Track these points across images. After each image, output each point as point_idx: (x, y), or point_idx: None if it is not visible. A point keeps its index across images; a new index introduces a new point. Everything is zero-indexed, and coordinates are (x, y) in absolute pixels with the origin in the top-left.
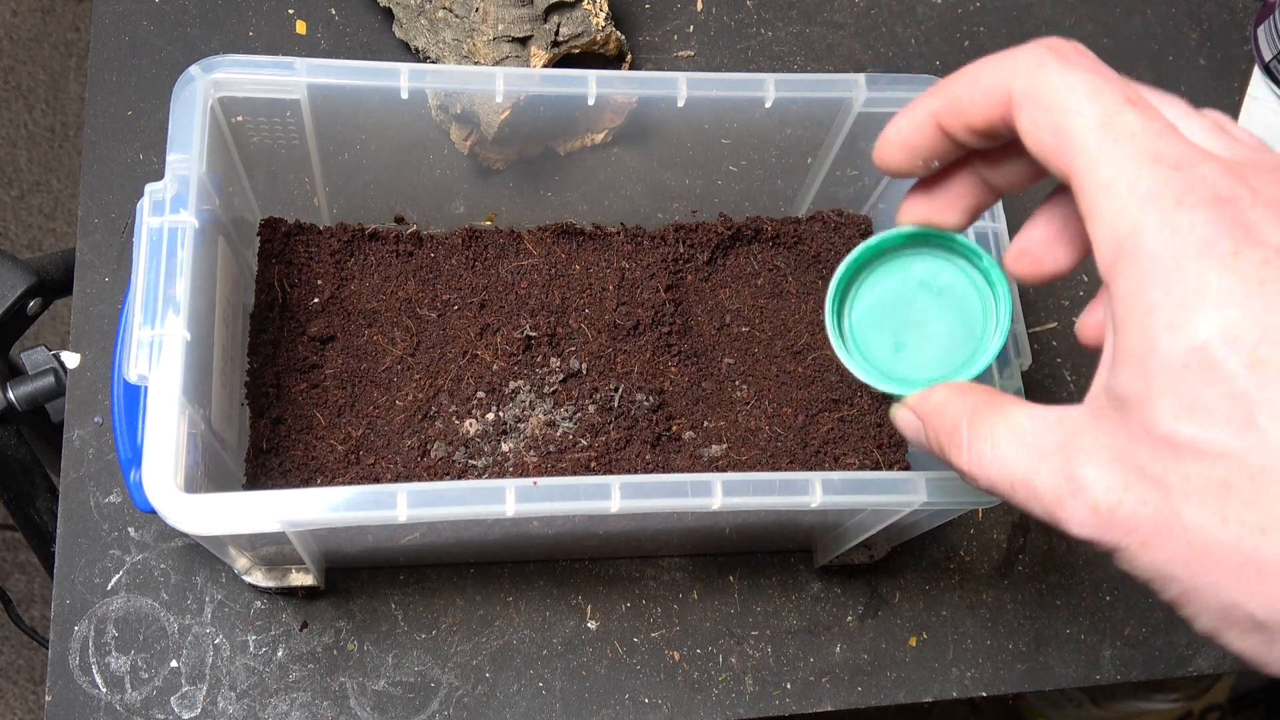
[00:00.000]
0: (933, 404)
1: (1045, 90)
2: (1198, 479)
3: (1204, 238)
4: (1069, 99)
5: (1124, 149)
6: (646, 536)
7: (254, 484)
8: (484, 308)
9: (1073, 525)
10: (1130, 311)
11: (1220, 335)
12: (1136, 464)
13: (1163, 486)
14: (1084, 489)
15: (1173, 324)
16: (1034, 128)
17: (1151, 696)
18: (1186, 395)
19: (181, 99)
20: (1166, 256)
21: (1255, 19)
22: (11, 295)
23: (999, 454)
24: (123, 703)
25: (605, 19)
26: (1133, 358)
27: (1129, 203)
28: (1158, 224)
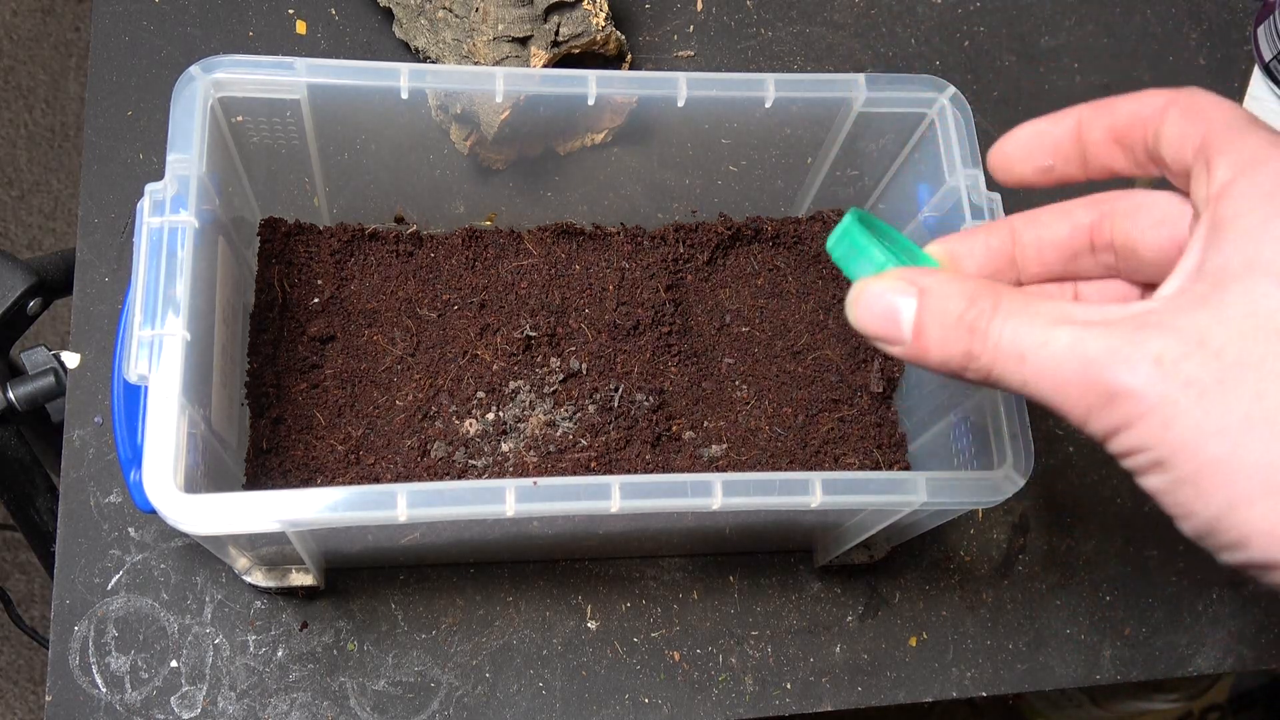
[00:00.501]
0: (938, 276)
1: (1201, 99)
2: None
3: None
4: (1217, 107)
5: (1261, 128)
6: (646, 536)
7: (254, 484)
8: (484, 308)
9: (1124, 372)
10: (1248, 200)
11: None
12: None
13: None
14: (1143, 347)
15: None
16: (1182, 116)
17: (1151, 696)
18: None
19: (181, 99)
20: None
21: (1255, 19)
22: (11, 295)
23: (1039, 316)
24: (123, 703)
25: (605, 19)
26: (1242, 233)
27: (1263, 142)
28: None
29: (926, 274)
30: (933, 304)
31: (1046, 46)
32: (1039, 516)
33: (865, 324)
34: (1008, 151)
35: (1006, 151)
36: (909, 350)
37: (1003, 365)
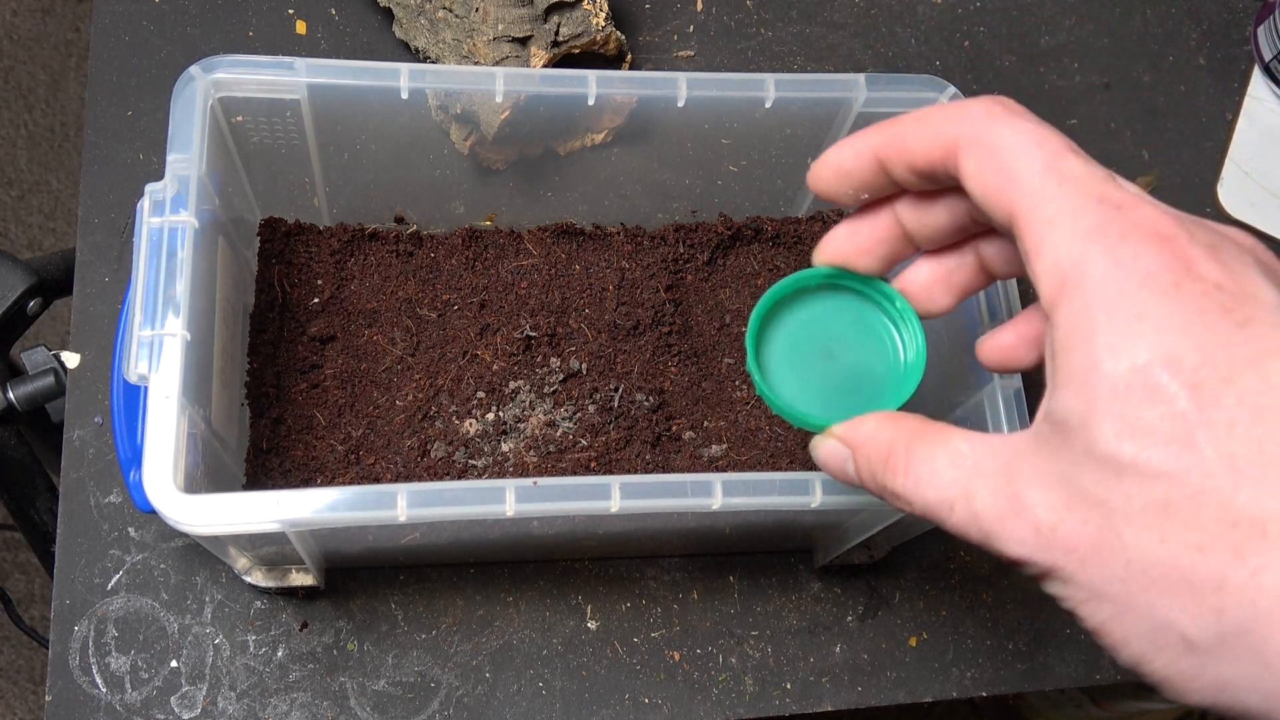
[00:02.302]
0: (865, 431)
1: (993, 136)
2: (1139, 499)
3: (1147, 269)
4: (1015, 145)
5: (1068, 189)
6: (646, 536)
7: (254, 484)
8: (484, 308)
9: (1011, 545)
10: (1072, 337)
11: (1162, 359)
12: (1079, 486)
13: (1104, 507)
14: (1027, 509)
15: (1115, 347)
16: (979, 170)
17: (1152, 696)
18: (1129, 416)
19: (181, 99)
20: (1110, 285)
21: (1255, 19)
22: (11, 295)
23: (938, 476)
24: (123, 703)
25: (605, 19)
26: (1074, 380)
27: (1074, 236)
28: (1102, 255)
29: (858, 430)
30: (862, 464)
31: (1046, 46)
32: None
33: (830, 472)
34: (820, 189)
35: (819, 189)
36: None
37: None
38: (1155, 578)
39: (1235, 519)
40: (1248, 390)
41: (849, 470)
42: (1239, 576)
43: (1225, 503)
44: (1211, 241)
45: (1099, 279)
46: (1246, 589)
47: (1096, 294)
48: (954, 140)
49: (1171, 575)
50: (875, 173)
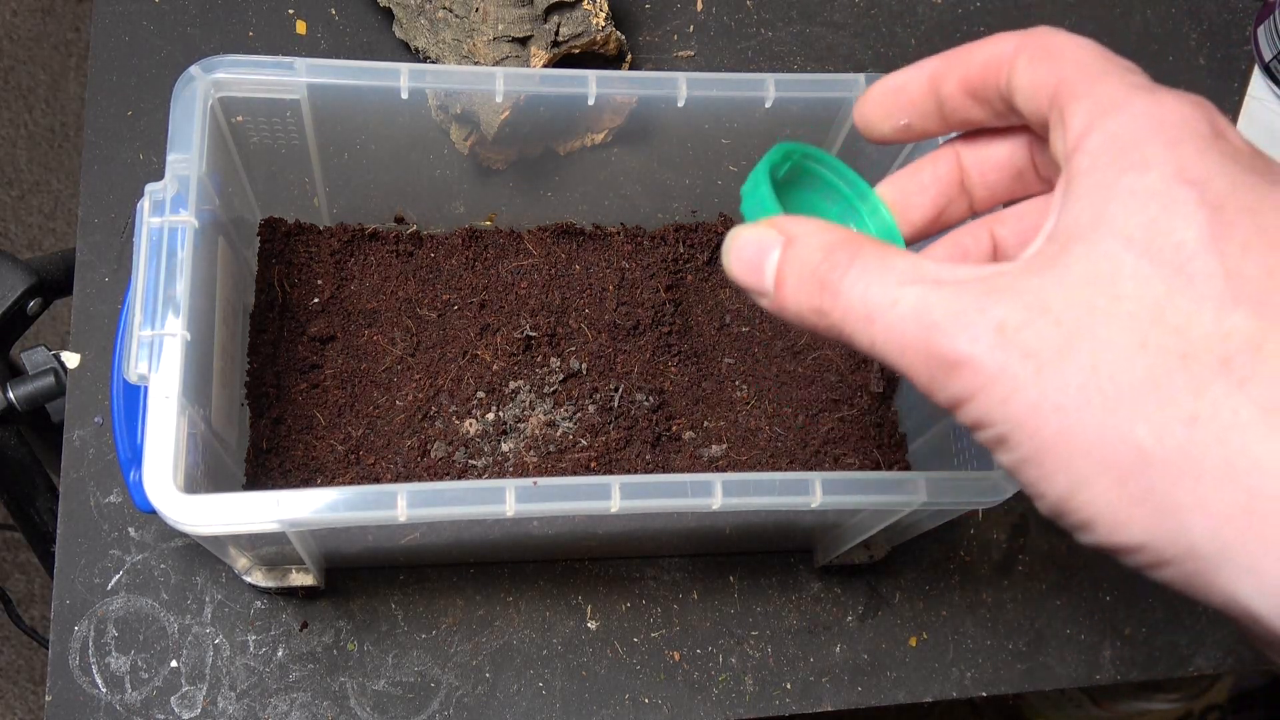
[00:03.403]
0: (805, 225)
1: (1055, 39)
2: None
3: (1185, 117)
4: (1075, 44)
5: (1119, 68)
6: (646, 536)
7: (254, 484)
8: (484, 308)
9: (961, 341)
10: (1100, 156)
11: (1188, 177)
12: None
13: (1086, 308)
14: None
15: (1146, 161)
16: (1033, 62)
17: (1151, 696)
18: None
19: (181, 99)
20: (1151, 117)
21: (1255, 19)
22: (11, 295)
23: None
24: (123, 703)
25: (605, 19)
26: (1091, 192)
27: (1120, 86)
28: (1145, 95)
29: (800, 223)
30: (793, 254)
31: None
32: (1039, 516)
33: (735, 272)
34: (865, 112)
35: (865, 112)
36: (771, 302)
37: (852, 324)
38: (1121, 385)
39: (1228, 331)
40: (1268, 224)
41: (767, 264)
42: (1221, 385)
43: (1221, 315)
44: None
45: (1141, 110)
46: (1229, 397)
47: (1135, 121)
48: (1014, 49)
49: (1143, 382)
50: (926, 93)
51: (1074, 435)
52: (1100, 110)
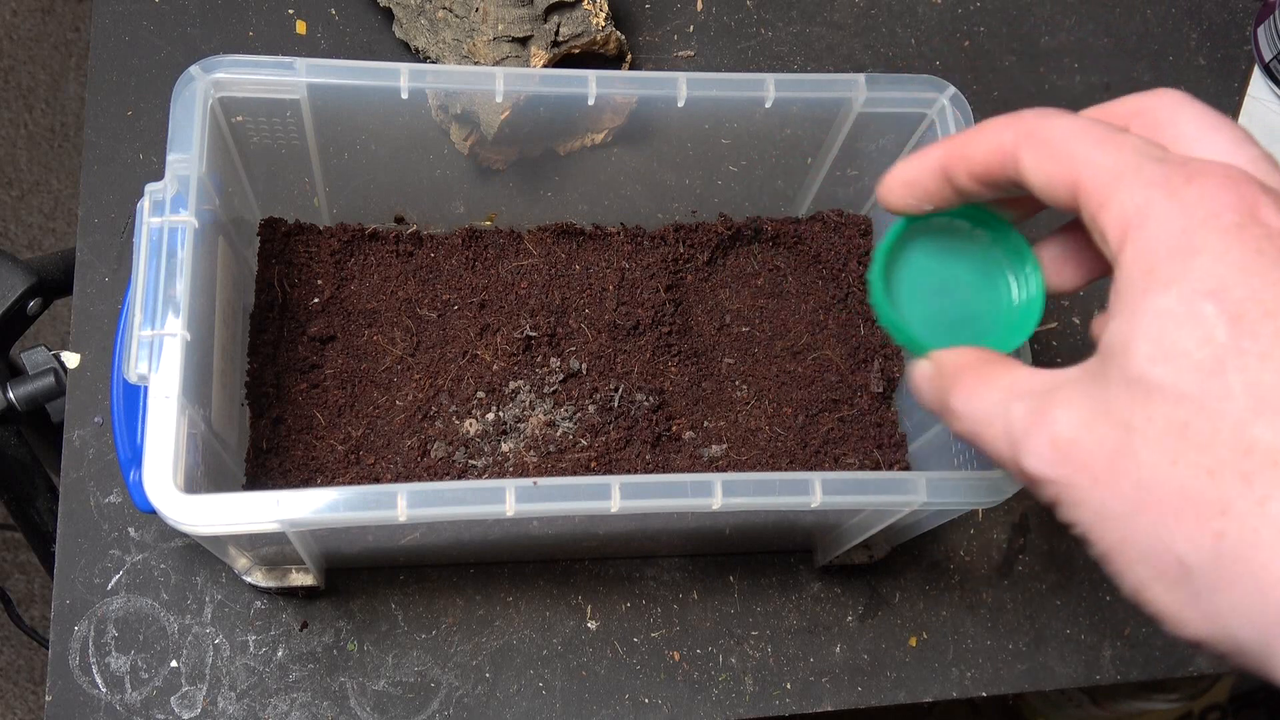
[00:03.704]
0: (951, 355)
1: (1047, 129)
2: (1160, 420)
3: (1210, 210)
4: (1070, 129)
5: (1128, 153)
6: (646, 536)
7: (254, 484)
8: (484, 308)
9: (1030, 459)
10: (1133, 273)
11: (1208, 290)
12: (1106, 406)
13: (1125, 426)
14: (1050, 424)
15: (1168, 279)
16: (1037, 160)
17: (1151, 696)
18: (1166, 340)
19: (181, 99)
20: (1173, 223)
21: (1255, 19)
22: (11, 295)
23: (990, 394)
24: (123, 703)
25: (605, 19)
26: (1125, 310)
27: (1138, 185)
28: (1166, 199)
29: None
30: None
31: (1046, 46)
32: (1039, 516)
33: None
34: (889, 204)
35: (889, 204)
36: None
37: (978, 441)
38: (1161, 498)
39: (1249, 446)
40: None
41: (931, 393)
42: (1244, 503)
43: (1241, 430)
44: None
45: (1162, 218)
46: (1250, 516)
47: (1159, 232)
48: (1012, 142)
49: (1178, 497)
50: (940, 183)
51: (1131, 542)
52: (1127, 223)
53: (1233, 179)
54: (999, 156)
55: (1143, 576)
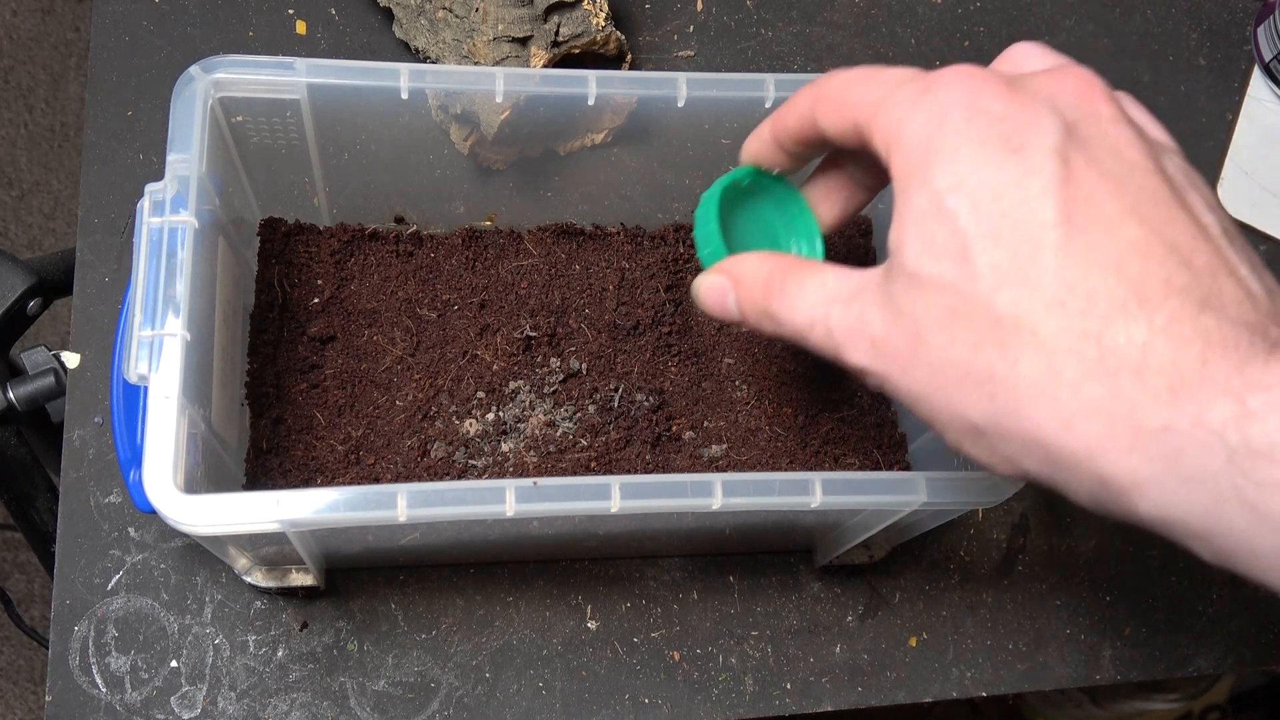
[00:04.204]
0: (745, 265)
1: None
2: (935, 308)
3: (943, 111)
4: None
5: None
6: (646, 536)
7: (254, 484)
8: (484, 308)
9: (855, 356)
10: (897, 181)
11: (950, 185)
12: (897, 302)
13: (912, 317)
14: (866, 325)
15: (920, 181)
16: (826, 114)
17: (1151, 696)
18: (925, 236)
19: (181, 99)
20: (919, 132)
21: (1255, 19)
22: (11, 295)
23: (806, 300)
24: (123, 703)
25: (605, 19)
26: (897, 214)
27: (893, 105)
28: (911, 109)
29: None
30: (743, 293)
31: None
32: (1039, 516)
33: (710, 312)
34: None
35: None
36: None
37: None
38: (948, 375)
39: (998, 318)
40: (1009, 205)
41: (729, 303)
42: (1002, 367)
43: (990, 304)
44: (1004, 81)
45: (910, 128)
46: (1009, 377)
47: (910, 145)
48: (809, 106)
49: (959, 372)
50: (775, 151)
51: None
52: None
53: (960, 76)
54: (805, 121)
55: (953, 439)
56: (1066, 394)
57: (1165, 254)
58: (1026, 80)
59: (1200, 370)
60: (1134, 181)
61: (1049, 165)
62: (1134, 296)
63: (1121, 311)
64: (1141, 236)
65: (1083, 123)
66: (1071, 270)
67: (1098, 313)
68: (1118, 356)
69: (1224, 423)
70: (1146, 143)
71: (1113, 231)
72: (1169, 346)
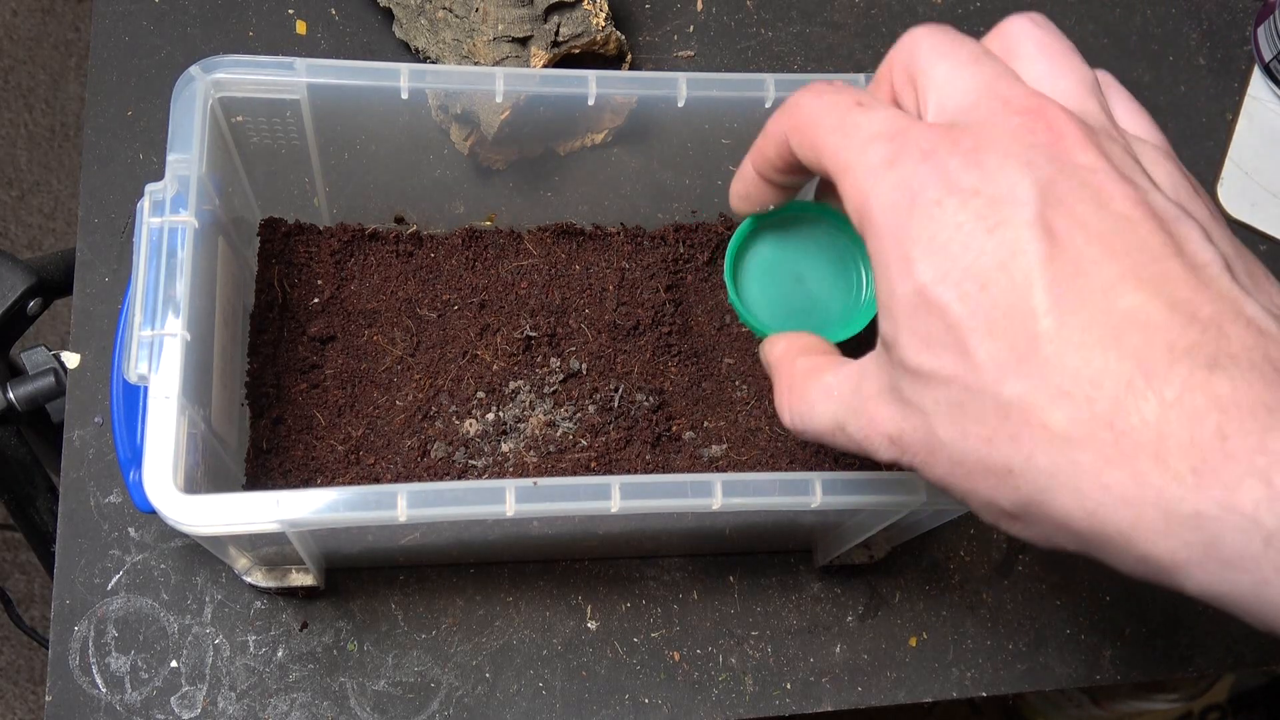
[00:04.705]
0: (774, 356)
1: (801, 113)
2: (942, 403)
3: (914, 191)
4: (814, 116)
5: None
6: (646, 536)
7: (254, 484)
8: (484, 308)
9: (882, 454)
10: (875, 268)
11: (934, 277)
12: (903, 396)
13: (922, 413)
14: (879, 425)
15: (902, 272)
16: (800, 147)
17: (1151, 696)
18: (919, 331)
19: (181, 99)
20: (890, 214)
21: (1255, 19)
22: (11, 295)
23: (816, 412)
24: (123, 703)
25: (605, 19)
26: (882, 306)
27: (862, 176)
28: (878, 187)
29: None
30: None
31: None
32: None
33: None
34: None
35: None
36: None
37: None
38: (970, 468)
39: (1006, 410)
40: (998, 294)
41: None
42: (1019, 460)
43: (996, 396)
44: (973, 143)
45: (880, 209)
46: (1027, 470)
47: (881, 224)
48: (784, 134)
49: (978, 465)
50: (762, 186)
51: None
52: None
53: (925, 151)
54: (783, 149)
55: (989, 518)
56: (1088, 483)
57: (1167, 315)
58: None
59: (1221, 447)
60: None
61: (1031, 242)
62: (1139, 371)
63: (1129, 391)
64: (1139, 302)
65: (1061, 178)
66: (1071, 356)
67: (1106, 396)
68: (1133, 439)
69: (1255, 505)
70: (1131, 184)
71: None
72: (1184, 423)
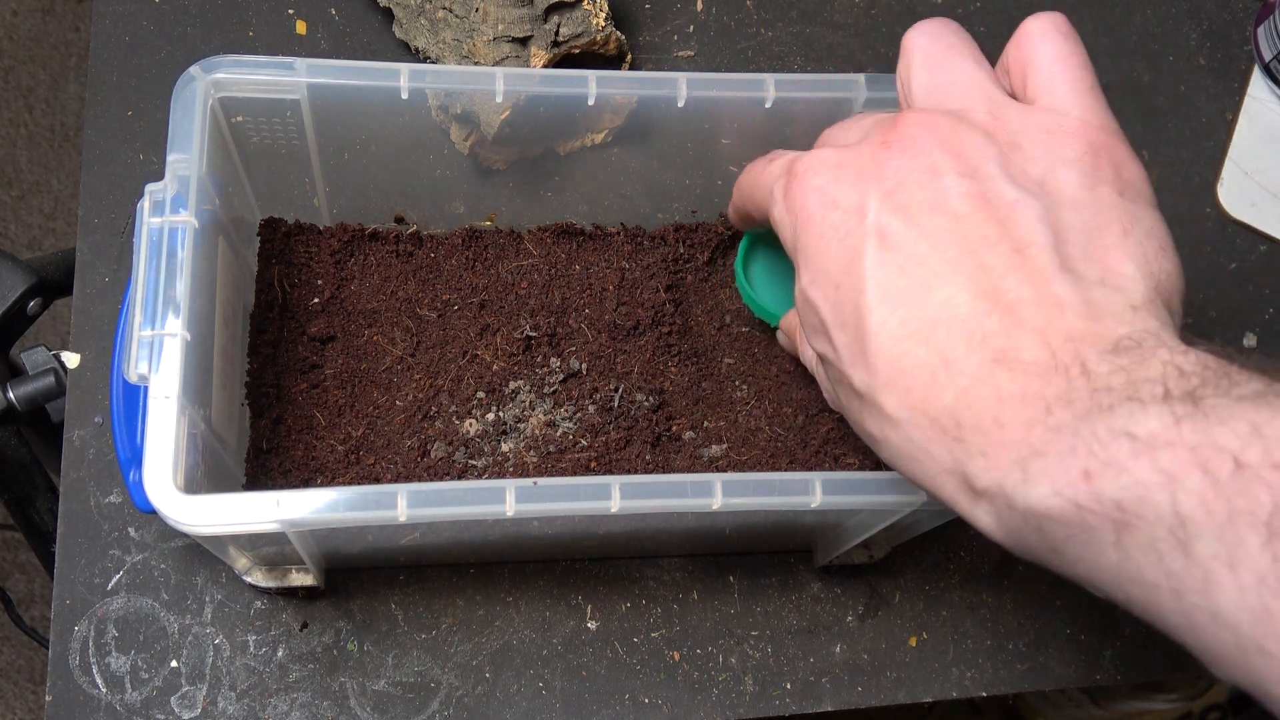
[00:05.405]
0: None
1: (741, 186)
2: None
3: (796, 211)
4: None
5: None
6: (646, 536)
7: (254, 484)
8: (484, 308)
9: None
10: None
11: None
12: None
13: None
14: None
15: (797, 276)
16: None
17: (1151, 696)
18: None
19: (181, 99)
20: (787, 231)
21: (1255, 19)
22: (11, 295)
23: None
24: (123, 703)
25: (605, 19)
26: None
27: (772, 210)
28: (780, 214)
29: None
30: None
31: None
32: None
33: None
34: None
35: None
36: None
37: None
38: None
39: (860, 393)
40: (845, 294)
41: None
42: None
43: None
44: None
45: (783, 230)
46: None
47: (786, 242)
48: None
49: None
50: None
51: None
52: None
53: (816, 165)
54: (743, 210)
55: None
56: (923, 456)
57: (970, 308)
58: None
59: (1000, 435)
60: (953, 231)
61: (867, 247)
62: (941, 363)
63: (933, 381)
64: (950, 294)
65: (903, 186)
66: (891, 349)
67: (918, 386)
68: (942, 424)
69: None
70: (972, 179)
71: (926, 298)
72: (971, 411)
